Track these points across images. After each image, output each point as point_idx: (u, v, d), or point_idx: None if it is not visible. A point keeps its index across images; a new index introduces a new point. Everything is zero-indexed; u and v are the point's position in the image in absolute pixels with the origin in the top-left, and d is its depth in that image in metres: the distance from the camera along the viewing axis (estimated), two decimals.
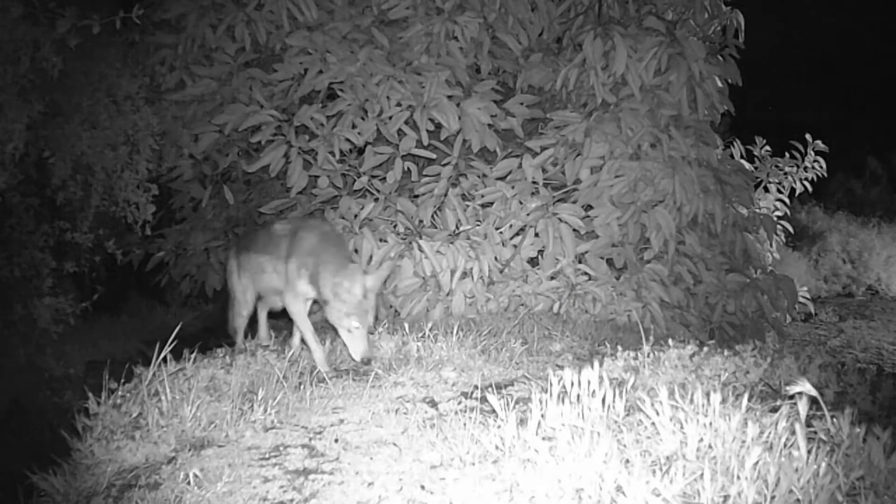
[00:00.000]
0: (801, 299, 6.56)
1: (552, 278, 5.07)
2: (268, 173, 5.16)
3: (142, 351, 3.96)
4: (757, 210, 6.29)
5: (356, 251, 4.84)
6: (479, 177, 5.22)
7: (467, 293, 4.93)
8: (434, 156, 5.19)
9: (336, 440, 2.61)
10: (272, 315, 4.37)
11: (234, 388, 3.02)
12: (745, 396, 2.20)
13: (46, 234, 4.86)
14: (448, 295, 4.92)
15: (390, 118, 4.97)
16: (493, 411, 2.37)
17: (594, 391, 2.26)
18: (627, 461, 1.99)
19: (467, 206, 5.16)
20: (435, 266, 4.87)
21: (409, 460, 2.34)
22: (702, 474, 1.81)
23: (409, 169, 5.17)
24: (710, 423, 2.04)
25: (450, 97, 5.00)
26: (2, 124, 4.25)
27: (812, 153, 8.01)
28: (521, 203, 5.12)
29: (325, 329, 4.55)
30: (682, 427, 2.08)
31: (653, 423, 2.17)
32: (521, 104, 5.34)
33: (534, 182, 5.14)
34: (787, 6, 14.82)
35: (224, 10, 5.22)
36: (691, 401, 2.16)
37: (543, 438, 2.11)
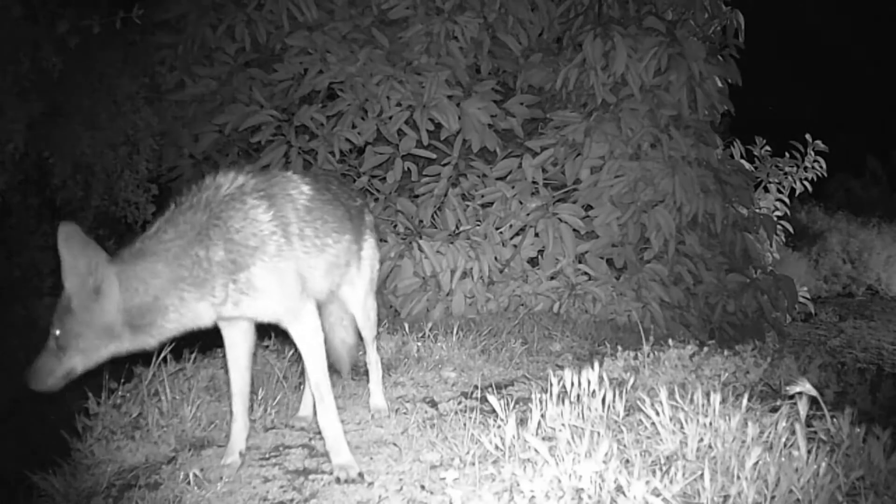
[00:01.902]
0: (801, 299, 6.56)
1: (552, 278, 5.07)
2: None
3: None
4: (757, 210, 6.30)
5: None
6: (479, 177, 5.22)
7: (467, 293, 4.93)
8: (434, 156, 5.19)
9: None
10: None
11: None
12: (745, 396, 2.20)
13: (46, 234, 4.86)
14: (448, 295, 4.92)
15: (390, 118, 4.97)
16: (493, 411, 2.37)
17: (594, 391, 2.26)
18: (627, 461, 1.99)
19: (467, 206, 5.16)
20: (435, 266, 4.87)
21: (409, 460, 2.34)
22: (702, 474, 1.80)
23: (409, 169, 5.17)
24: (710, 423, 2.03)
25: (450, 97, 5.00)
26: (2, 124, 4.25)
27: (812, 153, 8.01)
28: (521, 203, 5.12)
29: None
30: (682, 427, 2.07)
31: (653, 423, 2.17)
32: (521, 104, 5.34)
33: (534, 182, 5.14)
34: (787, 6, 14.81)
35: (224, 10, 5.22)
36: (691, 401, 2.16)
37: (543, 438, 2.11)
